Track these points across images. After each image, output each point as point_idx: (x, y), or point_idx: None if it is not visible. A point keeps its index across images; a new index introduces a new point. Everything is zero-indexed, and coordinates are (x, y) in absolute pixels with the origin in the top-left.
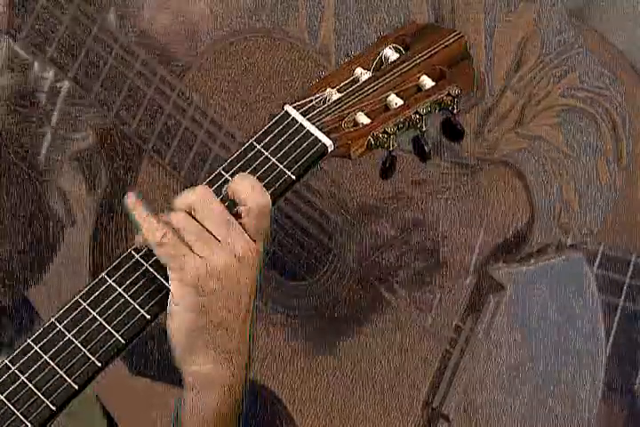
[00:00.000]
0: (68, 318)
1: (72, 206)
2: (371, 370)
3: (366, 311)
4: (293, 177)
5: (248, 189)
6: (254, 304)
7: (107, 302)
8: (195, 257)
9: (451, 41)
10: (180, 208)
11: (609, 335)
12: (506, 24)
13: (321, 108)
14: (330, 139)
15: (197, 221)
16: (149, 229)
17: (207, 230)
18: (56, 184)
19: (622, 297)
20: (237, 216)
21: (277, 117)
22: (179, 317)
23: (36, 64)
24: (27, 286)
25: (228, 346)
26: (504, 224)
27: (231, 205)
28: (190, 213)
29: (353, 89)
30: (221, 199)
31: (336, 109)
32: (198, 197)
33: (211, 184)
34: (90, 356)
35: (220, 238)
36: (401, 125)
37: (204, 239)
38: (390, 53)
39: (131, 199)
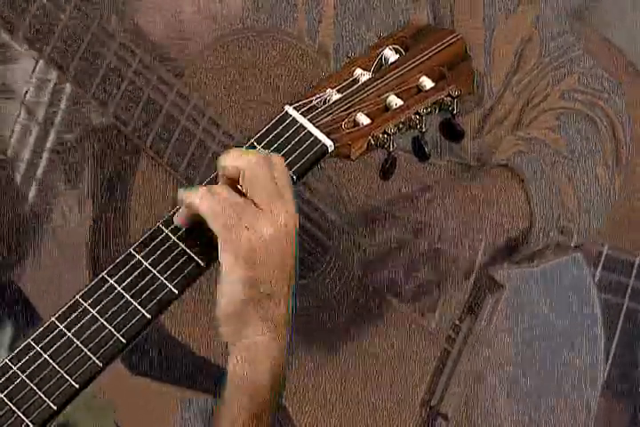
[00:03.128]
0: (69, 318)
1: (49, 197)
2: (369, 369)
3: (365, 310)
4: (294, 177)
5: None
6: (296, 273)
7: (107, 301)
8: (245, 229)
9: (450, 42)
10: (229, 171)
11: (613, 336)
12: (505, 26)
13: (321, 109)
14: (330, 139)
15: (239, 189)
16: (208, 198)
17: (250, 200)
18: (34, 174)
19: (626, 298)
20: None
21: (277, 118)
22: (231, 290)
23: (39, 65)
24: (4, 272)
25: (276, 316)
26: (504, 227)
27: None
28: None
29: (353, 90)
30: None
31: (336, 110)
32: (250, 163)
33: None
34: (91, 355)
35: (263, 208)
36: (401, 126)
37: (252, 210)
38: (390, 54)
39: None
